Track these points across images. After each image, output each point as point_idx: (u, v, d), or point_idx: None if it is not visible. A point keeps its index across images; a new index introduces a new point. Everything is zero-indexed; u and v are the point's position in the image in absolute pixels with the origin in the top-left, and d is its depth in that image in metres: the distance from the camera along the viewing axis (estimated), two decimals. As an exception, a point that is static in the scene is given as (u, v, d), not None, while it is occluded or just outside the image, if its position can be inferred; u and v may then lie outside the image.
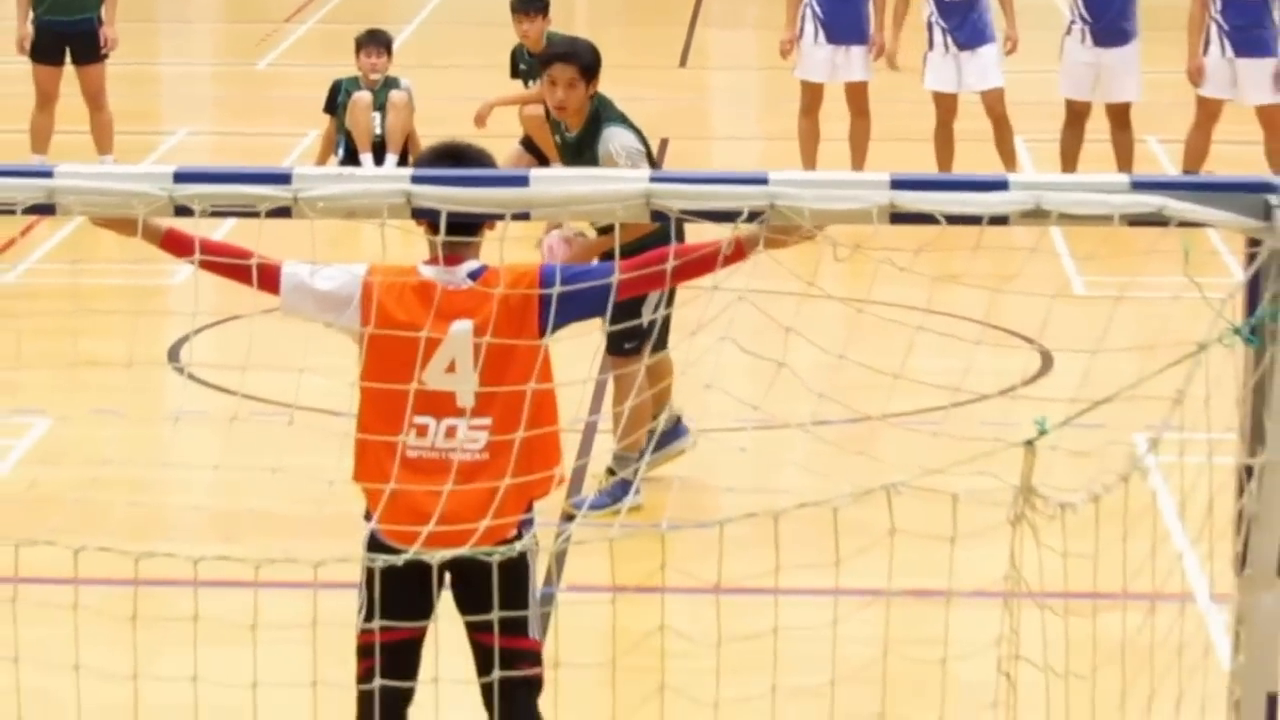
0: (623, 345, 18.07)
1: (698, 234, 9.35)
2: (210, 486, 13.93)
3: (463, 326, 10.76)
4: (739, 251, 10.20)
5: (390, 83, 24.27)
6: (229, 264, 11.35)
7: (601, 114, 18.55)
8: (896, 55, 27.60)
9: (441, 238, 10.33)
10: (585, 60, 18.43)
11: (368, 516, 11.00)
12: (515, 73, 23.66)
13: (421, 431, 10.85)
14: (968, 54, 26.40)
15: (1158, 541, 10.28)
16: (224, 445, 12.45)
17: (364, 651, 10.90)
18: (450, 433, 10.89)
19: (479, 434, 10.83)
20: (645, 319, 15.72)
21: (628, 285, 10.96)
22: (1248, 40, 25.48)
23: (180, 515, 14.87)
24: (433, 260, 10.79)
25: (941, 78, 26.96)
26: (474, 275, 10.82)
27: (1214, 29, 25.61)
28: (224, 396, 16.60)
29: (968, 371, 16.25)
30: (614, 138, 19.06)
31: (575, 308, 10.71)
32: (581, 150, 19.39)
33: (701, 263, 10.45)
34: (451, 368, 10.84)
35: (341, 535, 11.97)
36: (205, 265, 11.08)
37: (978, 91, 26.67)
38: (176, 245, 10.78)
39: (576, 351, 12.77)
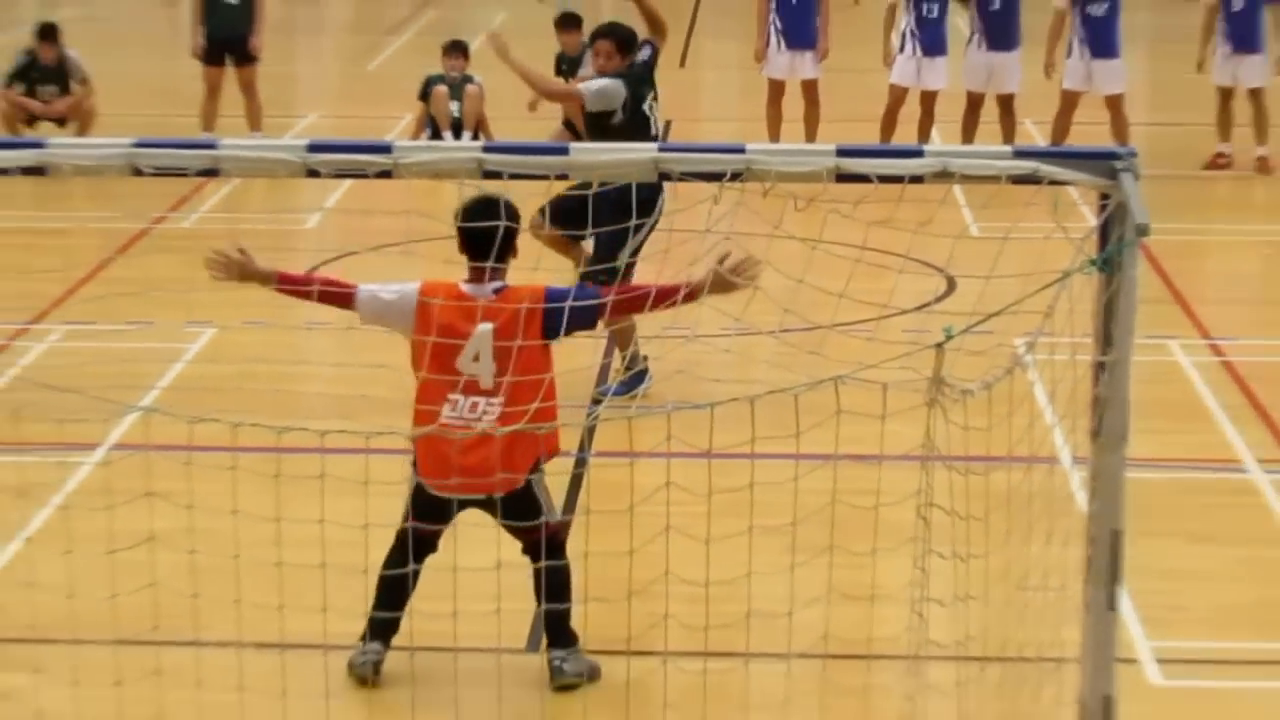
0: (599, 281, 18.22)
1: (691, 191, 9.31)
2: (333, 378, 13.88)
3: (485, 328, 11.30)
4: (691, 295, 11.08)
5: (466, 79, 24.17)
6: (320, 291, 11.93)
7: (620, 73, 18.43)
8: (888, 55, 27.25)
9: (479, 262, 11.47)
10: (621, 35, 18.31)
11: (415, 465, 11.41)
12: (557, 72, 23.51)
13: (453, 405, 11.26)
14: (928, 60, 26.29)
15: (1034, 418, 10.28)
16: (343, 348, 12.49)
17: (402, 534, 11.36)
18: (473, 407, 11.33)
19: (494, 408, 11.26)
20: (621, 264, 16.27)
21: (615, 308, 11.93)
22: (1099, 45, 25.43)
23: (311, 400, 14.82)
24: (470, 279, 11.42)
25: (904, 75, 26.63)
26: (497, 291, 11.39)
27: (1075, 38, 25.60)
28: (340, 313, 16.54)
29: (893, 292, 16.22)
30: (596, 82, 18.96)
31: (572, 322, 11.26)
32: None
33: (666, 297, 11.22)
34: (476, 358, 11.31)
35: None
36: (286, 292, 11.94)
37: (930, 89, 26.54)
38: (286, 285, 11.78)
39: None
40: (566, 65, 24.61)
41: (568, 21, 23.96)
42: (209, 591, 9.99)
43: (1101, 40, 25.56)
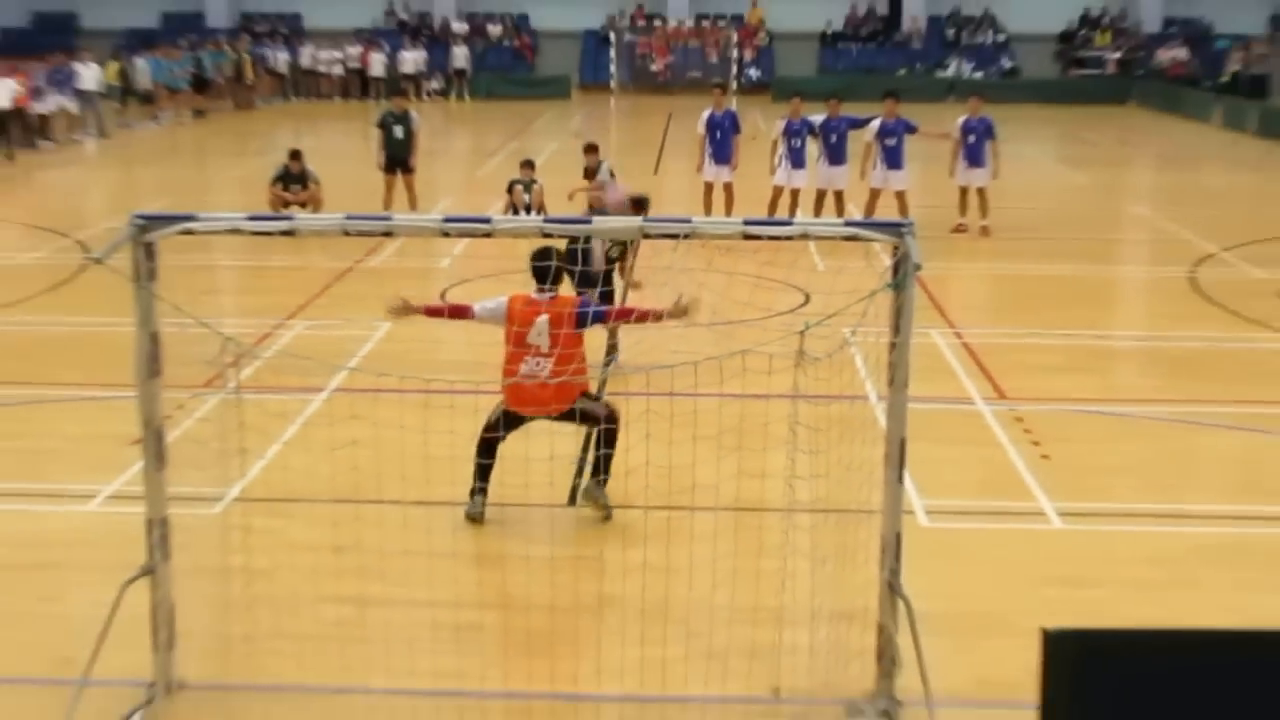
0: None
1: (662, 244, 9.27)
2: (458, 352, 13.74)
3: (544, 318, 11.43)
4: (658, 318, 11.44)
5: (532, 181, 23.94)
6: (451, 310, 12.58)
7: None
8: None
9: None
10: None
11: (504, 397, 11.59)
12: (586, 176, 23.28)
13: (526, 363, 11.42)
14: (795, 171, 25.97)
15: (854, 374, 10.28)
16: (463, 336, 12.40)
17: (489, 428, 11.32)
18: (537, 364, 11.39)
19: (548, 365, 11.32)
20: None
21: (615, 316, 12.70)
22: (892, 162, 25.34)
23: (446, 363, 14.72)
24: (536, 291, 11.64)
25: (781, 179, 25.84)
26: (551, 298, 11.61)
27: (879, 158, 25.46)
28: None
29: (777, 302, 16.14)
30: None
31: (591, 320, 11.71)
32: None
33: (649, 317, 11.68)
34: (539, 334, 11.38)
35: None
36: (435, 316, 12.34)
37: (796, 188, 26.03)
38: (431, 312, 12.14)
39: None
40: (586, 174, 24.56)
41: (589, 148, 23.83)
42: (388, 470, 9.96)
43: (893, 159, 25.45)
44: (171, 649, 9.02)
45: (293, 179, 26.41)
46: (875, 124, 25.60)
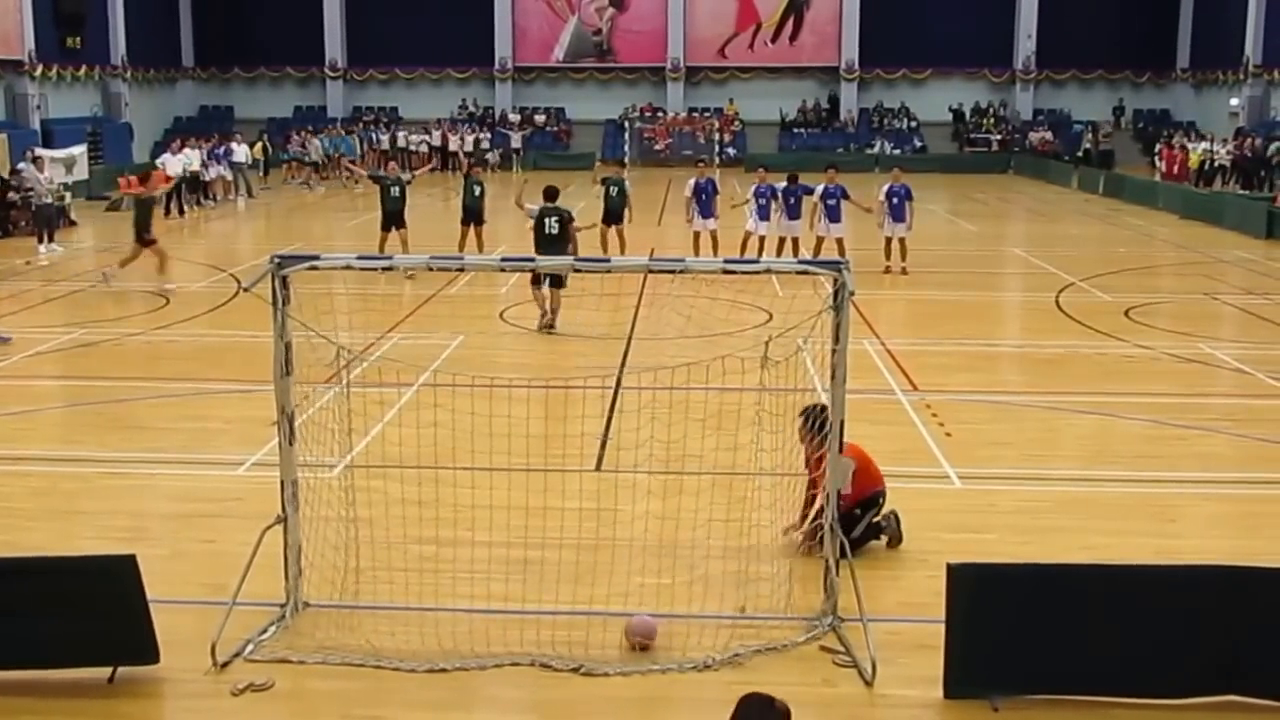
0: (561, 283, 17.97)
1: (663, 277, 9.23)
2: (508, 358, 13.58)
3: None
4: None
5: (556, 210, 23.50)
6: None
7: None
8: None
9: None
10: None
11: None
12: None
13: None
14: (761, 221, 25.71)
15: (806, 373, 10.22)
16: (521, 342, 12.29)
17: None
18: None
19: None
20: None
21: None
22: (833, 216, 25.28)
23: (503, 367, 14.64)
24: None
25: (751, 227, 25.58)
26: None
27: (822, 214, 25.29)
28: (505, 324, 16.42)
29: (748, 321, 16.03)
30: None
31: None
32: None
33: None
34: None
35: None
36: None
37: (761, 235, 25.56)
38: None
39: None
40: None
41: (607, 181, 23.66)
42: (461, 444, 9.89)
43: (833, 214, 25.23)
44: (299, 578, 9.01)
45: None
46: (819, 189, 25.46)
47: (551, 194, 20.22)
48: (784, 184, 25.83)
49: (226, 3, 60.88)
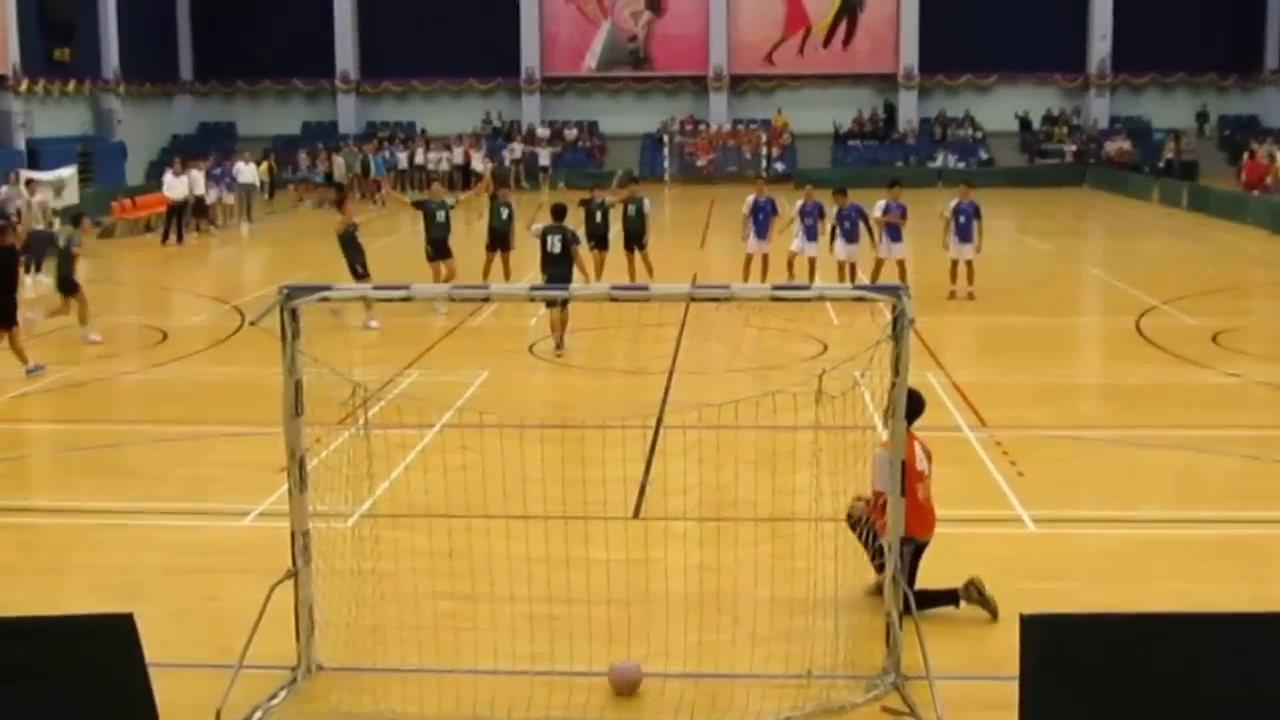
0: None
1: (708, 305, 9.25)
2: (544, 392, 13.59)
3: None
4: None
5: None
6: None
7: None
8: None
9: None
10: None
11: None
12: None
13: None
14: (809, 243, 25.56)
15: (864, 408, 10.20)
16: (553, 376, 12.31)
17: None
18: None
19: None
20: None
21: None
22: (895, 237, 25.23)
23: (526, 408, 14.66)
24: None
25: (797, 248, 25.63)
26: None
27: (885, 235, 25.16)
28: (534, 357, 16.39)
29: (800, 352, 16.05)
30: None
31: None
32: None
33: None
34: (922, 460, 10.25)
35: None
36: None
37: (811, 256, 25.55)
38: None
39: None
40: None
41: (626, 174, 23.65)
42: (490, 489, 9.88)
43: (894, 235, 25.18)
44: (311, 638, 9.02)
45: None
46: (879, 205, 25.34)
47: (559, 212, 20.59)
48: (836, 207, 25.60)
49: (228, 10, 61.26)
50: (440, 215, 24.70)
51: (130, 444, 15.39)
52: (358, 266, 22.80)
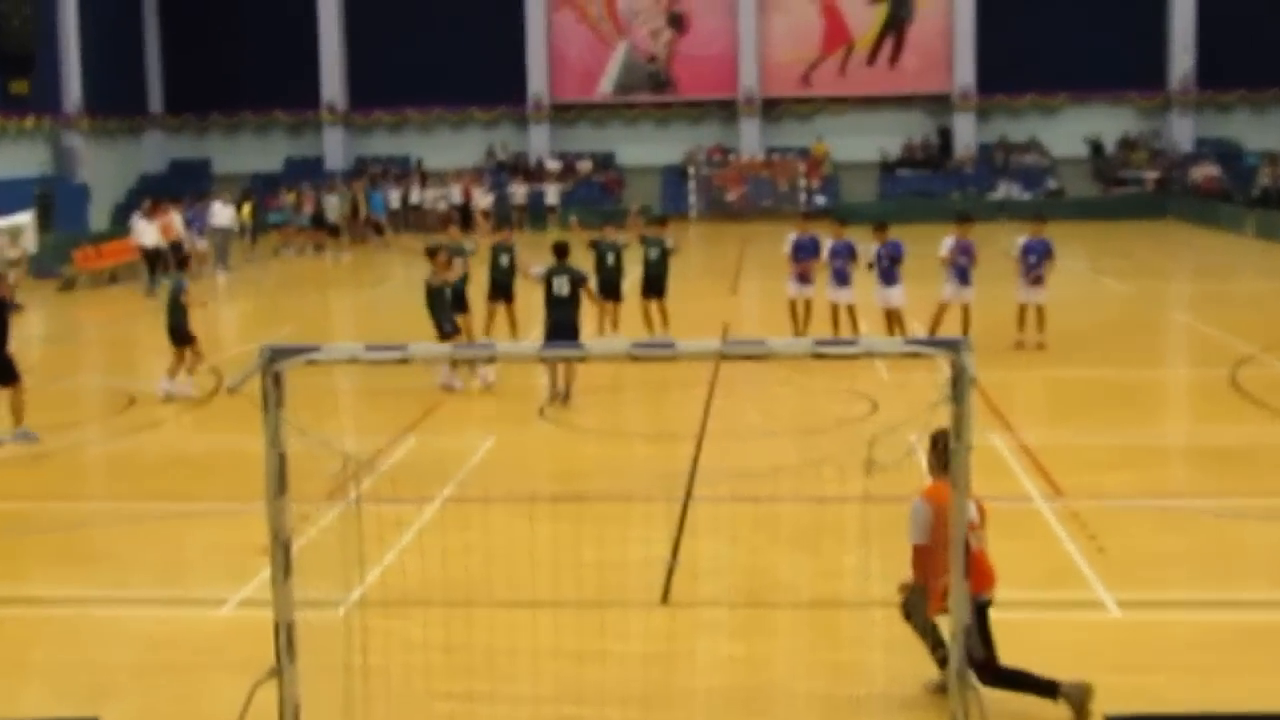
0: None
1: (741, 363, 9.26)
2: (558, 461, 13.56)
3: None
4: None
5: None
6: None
7: None
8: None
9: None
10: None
11: None
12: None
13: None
14: (843, 289, 25.43)
15: (920, 478, 10.16)
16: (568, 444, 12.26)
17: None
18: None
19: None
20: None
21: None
22: (963, 279, 25.02)
23: (545, 477, 14.65)
24: None
25: (832, 295, 25.26)
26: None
27: (952, 274, 25.05)
28: (545, 421, 16.31)
29: (848, 414, 16.03)
30: None
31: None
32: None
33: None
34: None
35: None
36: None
37: (848, 302, 25.58)
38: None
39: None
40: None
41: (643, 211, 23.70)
42: (496, 573, 9.88)
43: (962, 277, 24.84)
44: (298, 744, 9.00)
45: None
46: (947, 242, 25.22)
47: (562, 251, 20.76)
48: (874, 241, 25.50)
49: (202, 36, 61.68)
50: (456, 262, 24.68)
51: (95, 524, 15.42)
52: (445, 324, 22.65)
